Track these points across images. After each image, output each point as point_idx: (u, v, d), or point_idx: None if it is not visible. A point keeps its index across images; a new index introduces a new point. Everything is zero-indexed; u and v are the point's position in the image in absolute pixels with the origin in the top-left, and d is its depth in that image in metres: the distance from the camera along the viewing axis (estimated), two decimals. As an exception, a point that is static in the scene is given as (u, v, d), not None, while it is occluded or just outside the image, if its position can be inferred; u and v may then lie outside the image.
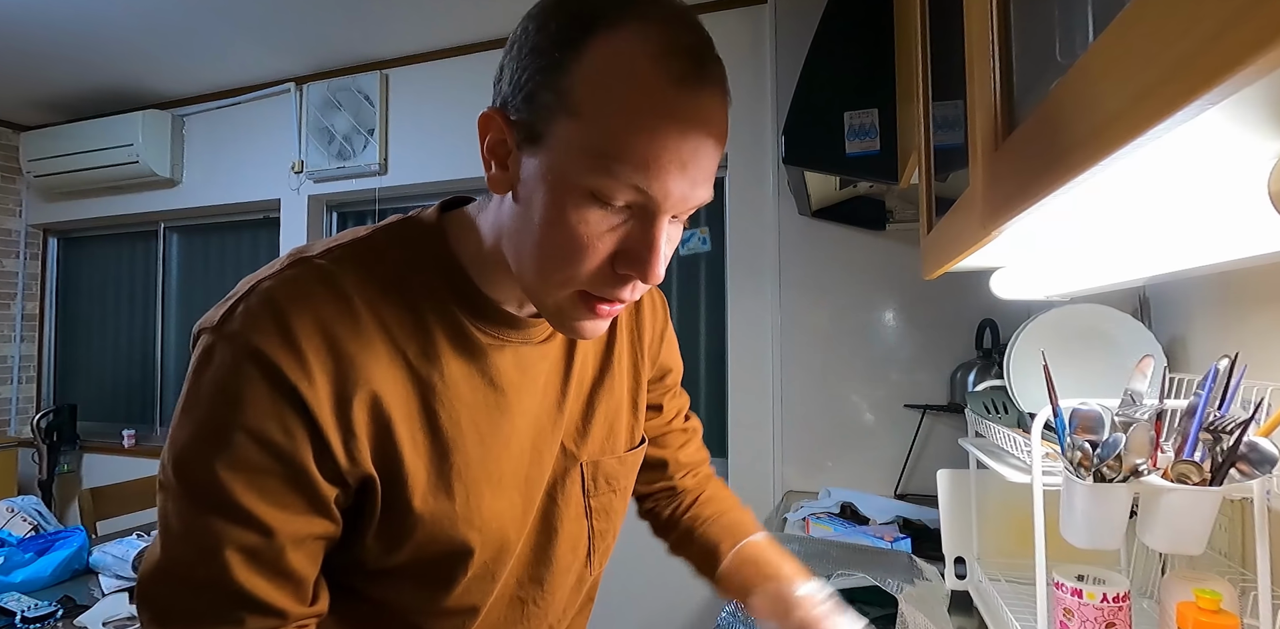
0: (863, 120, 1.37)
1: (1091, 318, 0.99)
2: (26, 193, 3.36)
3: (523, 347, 0.59)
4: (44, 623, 1.35)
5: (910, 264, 1.97)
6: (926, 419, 1.95)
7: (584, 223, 0.46)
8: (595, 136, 0.44)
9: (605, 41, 0.43)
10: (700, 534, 0.76)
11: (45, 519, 2.36)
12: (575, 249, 0.47)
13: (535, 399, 0.61)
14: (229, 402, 0.47)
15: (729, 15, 2.15)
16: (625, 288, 0.49)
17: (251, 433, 0.47)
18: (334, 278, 0.51)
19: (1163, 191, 0.42)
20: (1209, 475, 0.62)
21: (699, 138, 0.45)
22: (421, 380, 0.53)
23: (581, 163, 0.44)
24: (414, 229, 0.57)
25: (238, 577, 0.47)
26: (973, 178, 0.58)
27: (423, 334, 0.53)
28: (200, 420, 0.48)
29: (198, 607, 0.48)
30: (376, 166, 2.61)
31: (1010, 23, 0.49)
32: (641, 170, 0.44)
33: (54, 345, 3.47)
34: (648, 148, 0.43)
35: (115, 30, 2.36)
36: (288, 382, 0.47)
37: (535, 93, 0.45)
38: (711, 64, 0.46)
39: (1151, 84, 0.24)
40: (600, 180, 0.44)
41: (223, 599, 0.48)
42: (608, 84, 0.43)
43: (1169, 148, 0.30)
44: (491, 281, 0.56)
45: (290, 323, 0.48)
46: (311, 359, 0.48)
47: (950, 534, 1.11)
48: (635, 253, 0.47)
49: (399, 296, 0.53)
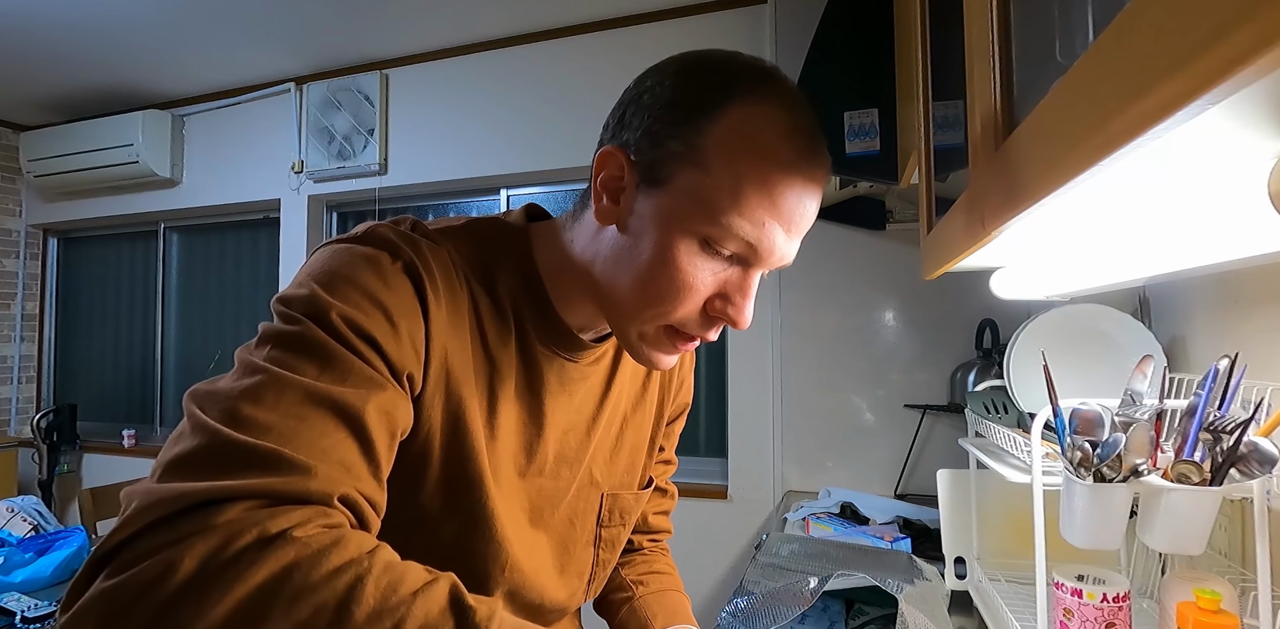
0: (863, 120, 1.37)
1: (1091, 318, 0.99)
2: (26, 193, 3.36)
3: (568, 363, 0.60)
4: (44, 623, 1.35)
5: (910, 264, 1.97)
6: (926, 419, 1.95)
7: (692, 265, 0.50)
8: (719, 191, 0.48)
9: (740, 110, 0.49)
10: (638, 603, 0.77)
11: (45, 519, 2.36)
12: (679, 288, 0.51)
13: (567, 415, 0.62)
14: (370, 276, 0.47)
15: (729, 15, 2.15)
16: (712, 329, 0.53)
17: (384, 308, 0.46)
18: (443, 245, 0.54)
19: (1162, 192, 0.42)
20: (1209, 475, 0.62)
21: (807, 206, 0.51)
22: (493, 364, 0.55)
23: (702, 212, 0.49)
24: (502, 229, 0.59)
25: (374, 413, 0.43)
26: (973, 178, 0.58)
27: (502, 324, 0.56)
28: (333, 275, 0.46)
29: (343, 444, 0.42)
30: (376, 166, 2.61)
31: (1010, 23, 0.49)
32: (757, 228, 0.49)
33: (54, 345, 3.47)
34: (768, 209, 0.49)
35: (115, 30, 2.36)
36: (424, 295, 0.49)
37: (665, 141, 0.50)
38: (822, 145, 0.52)
39: (1151, 84, 0.24)
40: (716, 230, 0.49)
41: (360, 437, 0.43)
42: (738, 147, 0.49)
43: (1169, 148, 0.30)
44: (562, 297, 0.58)
45: (425, 256, 0.50)
46: (440, 290, 0.50)
47: (950, 534, 1.11)
48: (730, 298, 0.52)
49: (488, 285, 0.56)
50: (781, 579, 1.29)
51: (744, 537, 2.10)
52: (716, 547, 2.12)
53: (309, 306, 0.45)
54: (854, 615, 1.26)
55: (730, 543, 2.11)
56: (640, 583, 0.78)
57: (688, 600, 0.80)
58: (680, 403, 0.77)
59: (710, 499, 2.14)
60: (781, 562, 1.42)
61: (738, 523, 2.11)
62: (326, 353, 0.43)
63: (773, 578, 1.32)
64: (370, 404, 0.43)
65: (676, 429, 0.80)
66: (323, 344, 0.43)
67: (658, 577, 0.80)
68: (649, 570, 0.80)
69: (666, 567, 0.83)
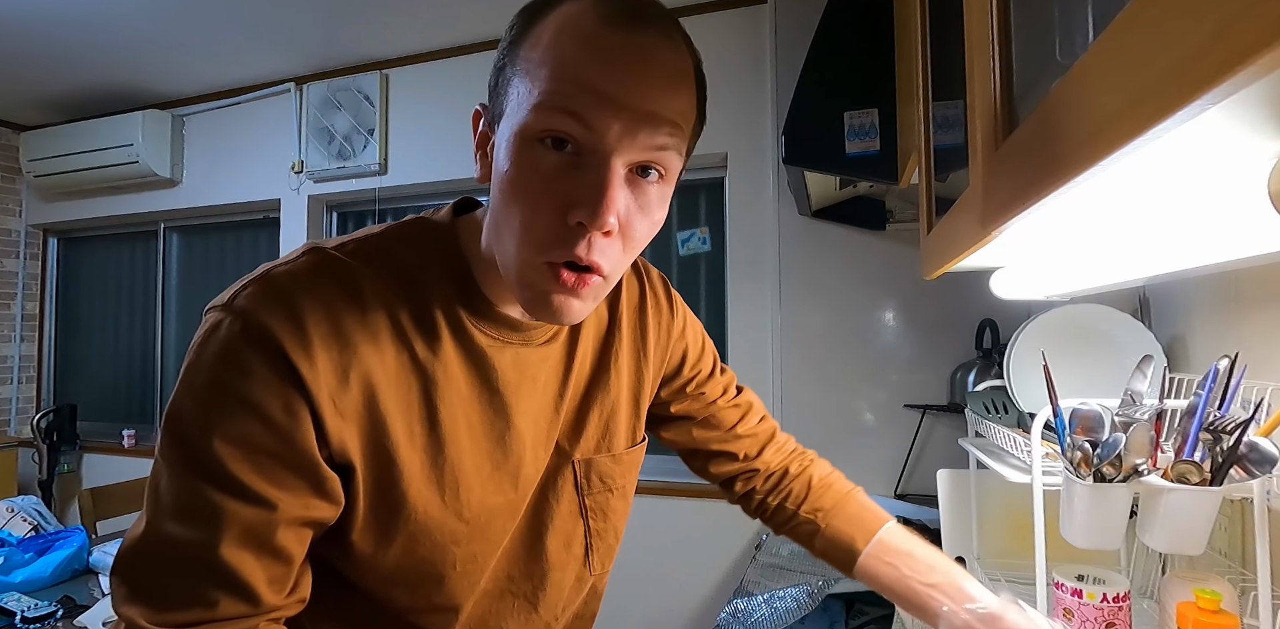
0: (863, 120, 1.37)
1: (1091, 318, 1.00)
2: (26, 193, 3.36)
3: (523, 348, 0.59)
4: (44, 623, 1.35)
5: (910, 264, 1.97)
6: (926, 419, 1.95)
7: (534, 169, 0.47)
8: (535, 76, 0.47)
9: (553, 16, 0.48)
10: (826, 530, 0.74)
11: (45, 519, 2.36)
12: (528, 197, 0.48)
13: (535, 400, 0.61)
14: (232, 374, 0.47)
15: (729, 15, 2.15)
16: (580, 243, 0.47)
17: (253, 406, 0.47)
18: (346, 269, 0.52)
19: (1162, 192, 0.42)
20: (1209, 475, 0.62)
21: (633, 71, 0.46)
22: (425, 375, 0.54)
23: (527, 104, 0.47)
24: (427, 229, 0.58)
25: (225, 552, 0.46)
26: (973, 178, 0.58)
27: (429, 331, 0.54)
28: (201, 392, 0.48)
29: (175, 584, 0.47)
30: (376, 166, 2.61)
31: (1010, 23, 0.49)
32: (577, 95, 0.45)
33: (54, 345, 3.47)
34: (579, 72, 0.46)
35: (115, 30, 2.36)
36: (289, 360, 0.47)
37: (497, 75, 0.51)
38: (650, 12, 0.48)
39: (1151, 84, 0.24)
40: (539, 114, 0.46)
41: (203, 576, 0.47)
42: (548, 37, 0.47)
43: (1169, 148, 0.30)
44: (494, 283, 0.56)
45: (298, 305, 0.49)
46: (315, 342, 0.48)
47: (950, 534, 1.11)
48: (586, 198, 0.46)
49: (408, 293, 0.54)
50: (781, 579, 1.29)
51: (744, 537, 2.10)
52: (716, 547, 2.12)
53: (186, 451, 0.47)
54: (854, 615, 1.26)
55: (730, 543, 2.11)
56: (815, 510, 0.75)
57: (869, 502, 0.76)
58: (684, 345, 0.76)
59: (710, 499, 2.14)
60: (781, 562, 1.42)
61: (738, 523, 2.11)
62: (209, 511, 0.47)
63: (773, 579, 1.32)
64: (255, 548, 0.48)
65: (706, 357, 0.79)
66: (204, 503, 0.47)
67: (823, 492, 0.76)
68: (805, 489, 0.77)
69: (824, 476, 0.78)
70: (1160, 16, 0.24)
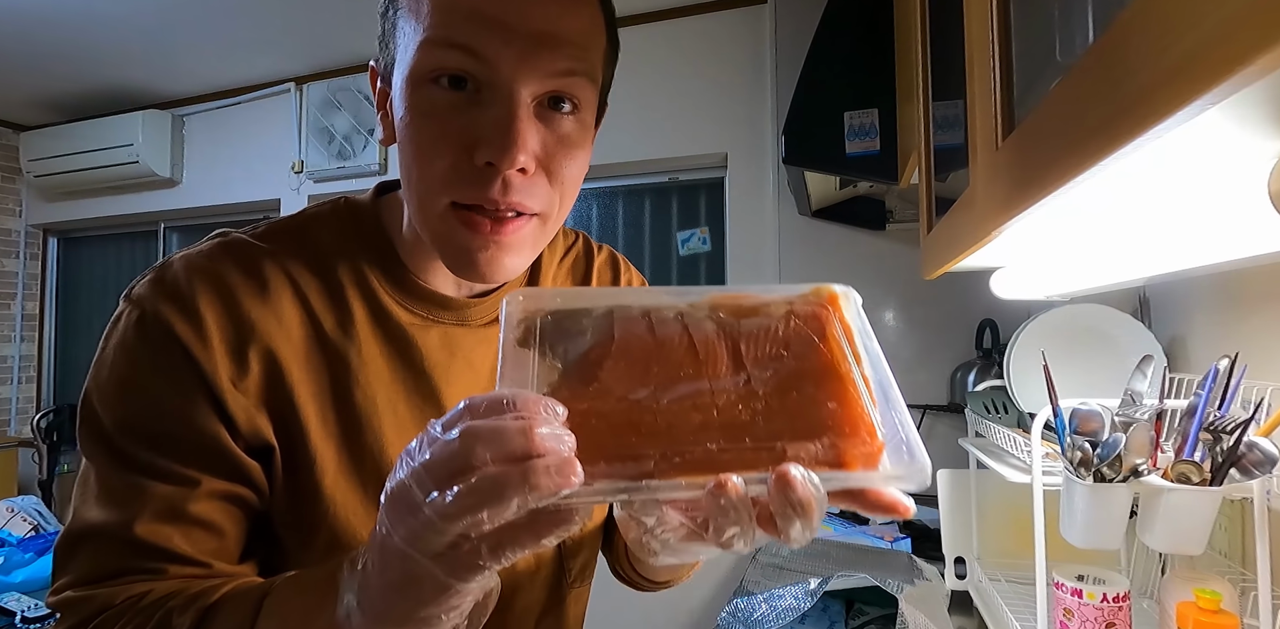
0: (863, 120, 1.37)
1: (1091, 318, 1.00)
2: (26, 193, 3.36)
3: (455, 328, 0.57)
4: (44, 623, 1.35)
5: (910, 264, 1.97)
6: (926, 419, 1.95)
7: (432, 112, 0.45)
8: (421, 19, 0.44)
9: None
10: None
11: (45, 519, 2.36)
12: (428, 141, 0.45)
13: (472, 386, 0.57)
14: (129, 362, 0.48)
15: (729, 15, 2.15)
16: (493, 184, 0.45)
17: (152, 393, 0.47)
18: (250, 250, 0.52)
19: (1162, 192, 0.42)
20: (1209, 475, 0.62)
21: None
22: (337, 357, 0.52)
23: (415, 52, 0.44)
24: (347, 210, 0.57)
25: (140, 528, 0.46)
26: (973, 178, 0.58)
27: (341, 310, 0.53)
28: (105, 383, 0.48)
29: (112, 562, 0.46)
30: (376, 166, 2.61)
31: (1010, 23, 0.49)
32: (462, 25, 0.43)
33: (54, 345, 3.47)
34: (460, 0, 0.43)
35: (115, 30, 2.36)
36: (183, 344, 0.47)
37: (383, 22, 0.49)
38: None
39: (1151, 84, 0.24)
40: (429, 52, 0.44)
41: (126, 554, 0.46)
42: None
43: (1169, 148, 0.30)
44: (421, 260, 0.55)
45: (192, 288, 0.49)
46: (209, 323, 0.48)
47: (950, 534, 1.11)
48: (491, 135, 0.44)
49: (320, 273, 0.53)
50: (781, 579, 1.29)
51: (744, 537, 2.10)
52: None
53: (99, 441, 0.48)
54: (854, 615, 1.26)
55: (730, 543, 2.11)
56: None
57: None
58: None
59: (710, 499, 2.14)
60: (781, 562, 1.42)
61: (738, 523, 2.11)
62: (125, 493, 0.47)
63: (773, 578, 1.32)
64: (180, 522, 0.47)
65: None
66: (121, 486, 0.47)
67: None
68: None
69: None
70: (1160, 17, 0.24)
